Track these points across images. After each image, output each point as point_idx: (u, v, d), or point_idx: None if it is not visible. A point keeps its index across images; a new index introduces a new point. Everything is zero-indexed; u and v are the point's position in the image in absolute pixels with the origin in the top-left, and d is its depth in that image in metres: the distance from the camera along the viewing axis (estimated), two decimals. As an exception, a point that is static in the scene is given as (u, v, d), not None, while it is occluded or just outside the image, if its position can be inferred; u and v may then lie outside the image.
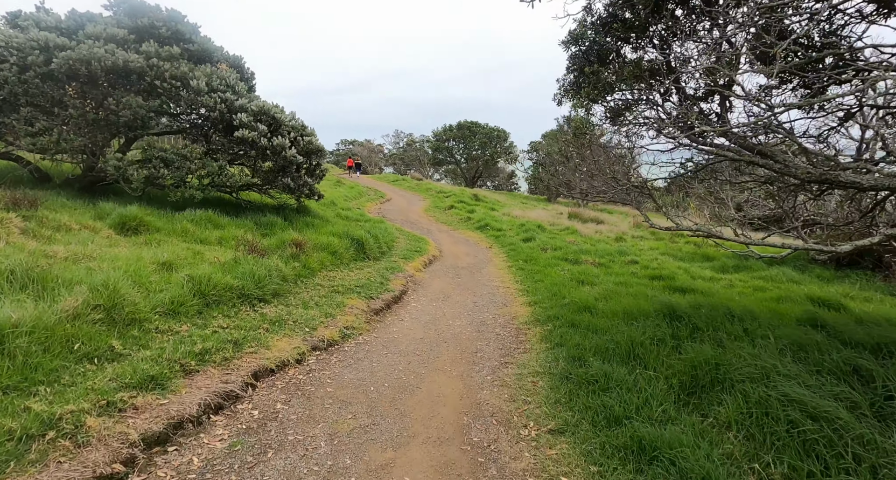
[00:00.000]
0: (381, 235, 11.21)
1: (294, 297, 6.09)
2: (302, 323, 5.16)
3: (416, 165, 48.41)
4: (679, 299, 7.20)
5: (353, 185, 24.25)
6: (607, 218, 20.87)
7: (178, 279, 5.03)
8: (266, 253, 7.01)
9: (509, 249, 13.04)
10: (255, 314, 5.15)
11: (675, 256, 12.79)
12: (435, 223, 17.73)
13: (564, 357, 4.49)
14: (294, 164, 10.05)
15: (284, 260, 7.25)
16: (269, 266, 6.12)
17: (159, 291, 4.72)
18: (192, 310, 4.64)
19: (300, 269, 7.20)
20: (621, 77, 5.16)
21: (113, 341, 3.65)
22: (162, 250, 6.13)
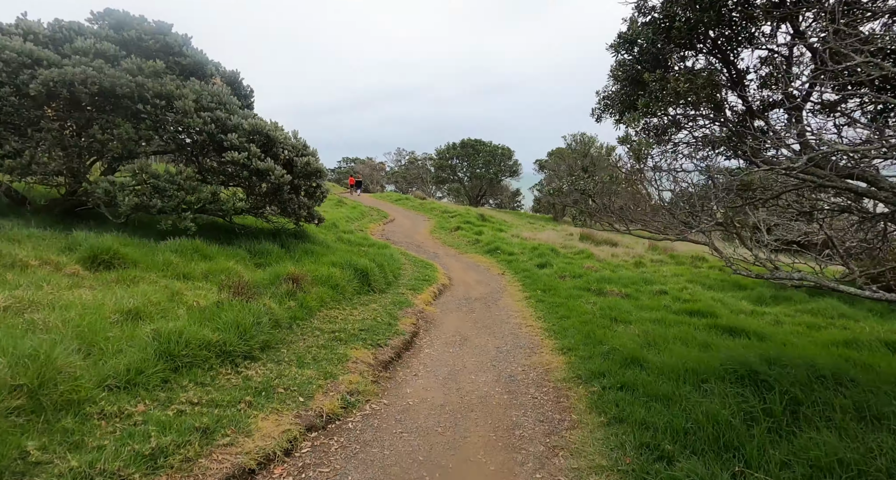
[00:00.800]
0: (386, 263, 10.21)
1: (287, 349, 5.07)
2: (295, 389, 4.14)
3: (418, 183, 47.67)
4: (733, 344, 6.19)
5: (356, 205, 23.35)
6: (620, 239, 19.89)
7: (143, 335, 4.03)
8: (256, 292, 6.00)
9: (524, 276, 12.03)
10: (237, 378, 4.12)
11: (703, 284, 11.77)
12: (441, 246, 16.75)
13: (632, 444, 3.45)
14: (287, 187, 9.10)
15: (278, 300, 6.25)
16: (258, 311, 5.11)
17: (115, 354, 3.71)
18: (154, 380, 3.62)
19: (296, 310, 6.19)
20: (692, 87, 4.25)
21: (29, 442, 2.64)
22: (132, 292, 5.14)
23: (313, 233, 12.04)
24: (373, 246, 12.99)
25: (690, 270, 13.82)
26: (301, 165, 9.52)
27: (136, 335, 4.05)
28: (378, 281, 8.95)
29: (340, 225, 15.90)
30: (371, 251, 11.69)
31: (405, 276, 10.75)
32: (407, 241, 16.91)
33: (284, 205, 9.53)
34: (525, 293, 10.49)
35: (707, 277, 12.52)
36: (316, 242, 10.78)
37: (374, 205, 25.69)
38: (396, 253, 12.58)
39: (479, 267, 13.46)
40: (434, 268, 12.25)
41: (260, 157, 8.89)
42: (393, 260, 11.19)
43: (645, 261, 14.68)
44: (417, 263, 12.65)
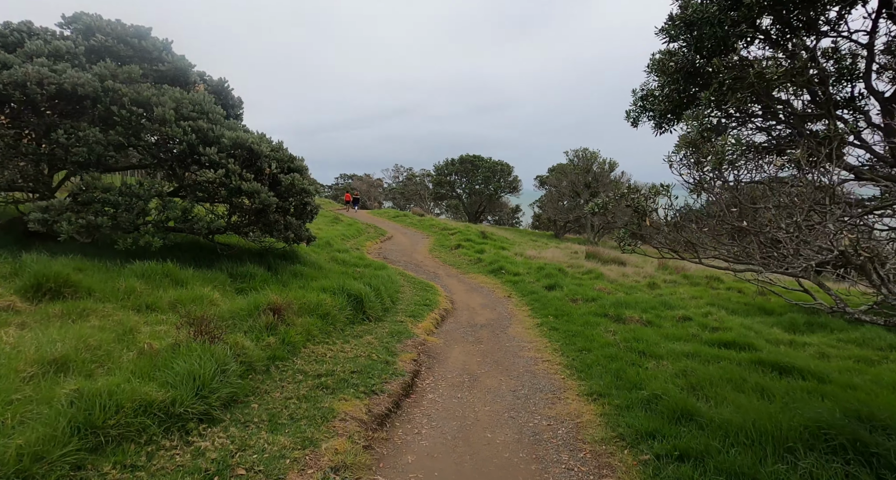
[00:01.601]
0: (383, 286, 9.22)
1: (260, 403, 4.06)
2: (261, 468, 3.12)
3: (416, 200, 46.88)
4: (793, 388, 5.22)
5: (352, 222, 22.41)
6: (627, 258, 18.95)
7: (60, 398, 3.04)
8: (228, 327, 5.01)
9: (532, 299, 11.05)
10: (185, 454, 3.11)
11: (725, 308, 10.80)
12: (442, 265, 15.78)
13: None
14: (273, 207, 8.16)
15: (255, 335, 5.25)
16: (222, 356, 4.10)
17: (13, 428, 2.72)
18: (61, 467, 2.62)
19: (276, 347, 5.19)
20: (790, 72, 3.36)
21: None
22: (69, 332, 4.14)
23: (304, 253, 11.07)
24: (369, 266, 12.01)
25: (708, 292, 12.87)
26: (286, 184, 8.58)
27: (53, 396, 3.05)
28: (374, 308, 7.95)
29: (335, 243, 14.94)
30: (367, 272, 10.70)
31: (404, 300, 9.75)
32: (405, 260, 15.93)
33: (271, 226, 8.57)
34: (535, 318, 9.50)
35: (728, 300, 11.57)
36: (307, 263, 9.80)
37: (372, 222, 24.74)
38: (394, 274, 11.60)
39: (483, 289, 12.47)
40: (435, 291, 11.26)
41: (241, 175, 7.97)
42: (391, 282, 10.20)
43: (658, 282, 13.73)
44: (417, 285, 11.66)
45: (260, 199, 7.75)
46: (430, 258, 16.97)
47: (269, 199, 7.95)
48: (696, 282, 14.44)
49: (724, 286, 14.06)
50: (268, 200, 7.95)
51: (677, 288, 13.14)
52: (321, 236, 15.56)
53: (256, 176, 8.47)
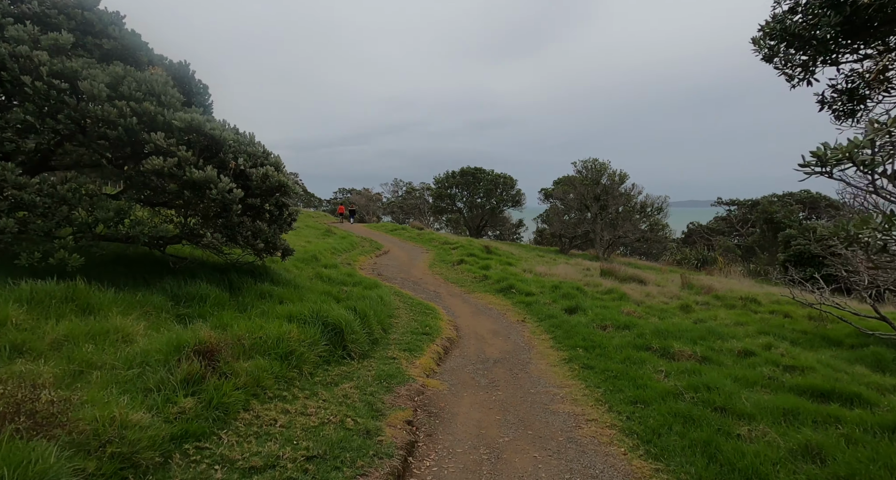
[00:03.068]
0: (373, 311, 7.35)
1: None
2: None
3: (415, 214, 45.13)
4: None
5: (346, 235, 20.57)
6: (644, 275, 17.11)
7: None
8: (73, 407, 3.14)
9: (551, 325, 9.17)
10: None
11: (782, 337, 8.94)
12: (443, 283, 13.90)
13: None
14: (237, 206, 6.32)
15: (164, 397, 3.38)
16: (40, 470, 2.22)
17: None
18: None
19: (194, 415, 3.32)
20: None
21: None
22: None
23: (280, 269, 9.22)
24: (358, 284, 10.13)
25: (749, 316, 11.01)
26: (258, 178, 6.77)
27: None
28: (359, 341, 6.06)
29: (323, 257, 13.08)
30: (355, 292, 8.84)
31: (398, 328, 7.87)
32: (402, 277, 14.06)
33: (233, 230, 6.72)
34: (560, 351, 7.62)
35: (780, 327, 9.68)
36: (281, 282, 7.93)
37: (367, 235, 22.90)
38: (388, 294, 9.72)
39: (492, 312, 10.58)
40: (436, 314, 9.38)
41: (195, 164, 6.16)
42: (382, 304, 8.33)
43: (689, 303, 11.84)
44: (415, 307, 9.78)
45: (217, 190, 5.91)
46: (430, 275, 15.10)
47: (229, 193, 6.11)
48: (732, 304, 12.57)
49: (763, 309, 12.19)
50: (228, 194, 6.10)
51: (714, 312, 11.27)
52: (309, 249, 13.73)
53: (219, 170, 6.67)
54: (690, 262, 29.01)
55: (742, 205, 33.48)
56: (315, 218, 29.50)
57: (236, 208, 6.32)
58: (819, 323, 10.30)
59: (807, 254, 21.40)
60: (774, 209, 24.64)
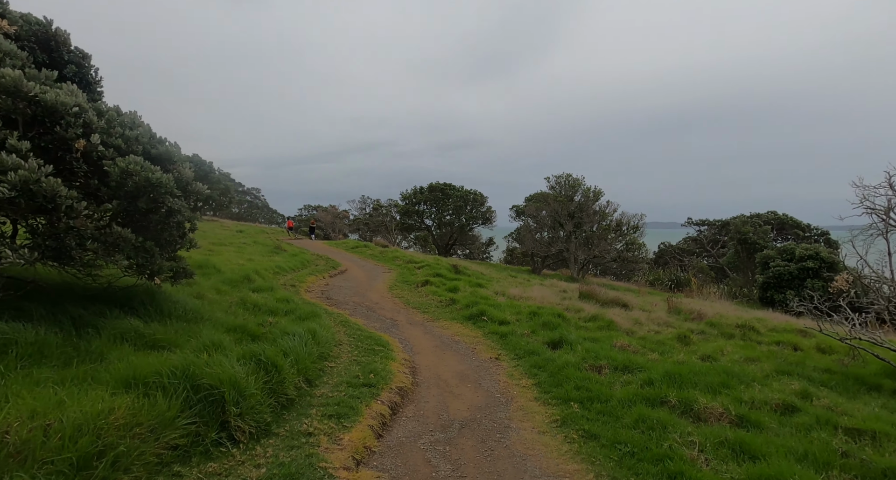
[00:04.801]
0: (297, 354, 5.26)
1: None
2: None
3: (382, 232, 42.96)
4: None
5: (298, 252, 18.26)
6: (626, 298, 15.47)
7: None
8: None
9: (533, 365, 7.26)
10: None
11: (806, 376, 7.30)
12: (403, 308, 11.83)
13: None
14: (62, 198, 4.17)
15: None
16: None
17: None
18: None
19: None
20: None
21: None
22: None
23: (187, 295, 7.02)
24: (291, 313, 7.98)
25: (755, 348, 9.41)
26: (117, 173, 4.62)
27: None
28: (254, 411, 3.93)
29: (259, 279, 10.83)
30: (282, 325, 6.70)
31: (333, 375, 5.77)
32: (356, 302, 11.92)
33: (61, 244, 4.50)
34: (548, 406, 5.68)
35: (800, 365, 8.04)
36: (168, 314, 5.71)
37: (325, 253, 20.62)
38: (327, 327, 7.60)
39: (460, 346, 8.59)
40: (388, 352, 7.31)
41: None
42: (314, 344, 6.21)
43: (686, 333, 10.14)
44: (362, 342, 7.69)
45: (18, 177, 3.75)
46: (390, 298, 13.00)
47: (42, 180, 3.94)
48: (729, 333, 10.98)
49: (764, 338, 10.64)
50: (44, 183, 3.94)
51: (715, 343, 9.61)
52: (245, 269, 11.48)
53: (57, 153, 4.52)
54: (664, 283, 27.83)
55: (712, 225, 32.83)
56: (269, 234, 26.98)
57: (66, 207, 4.16)
58: (837, 357, 8.79)
59: (786, 276, 20.41)
60: (748, 229, 23.72)
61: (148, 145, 5.39)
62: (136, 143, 5.23)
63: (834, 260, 19.94)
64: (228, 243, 17.40)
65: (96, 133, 4.73)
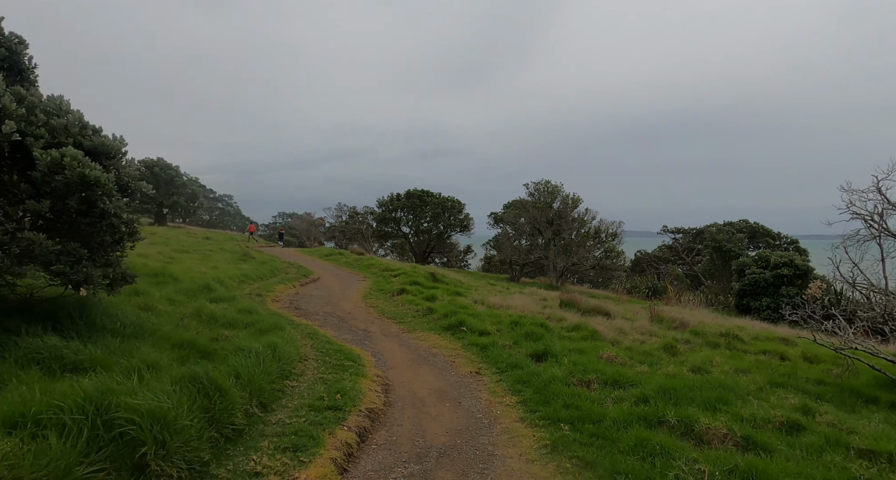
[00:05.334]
0: (251, 374, 4.57)
1: None
2: None
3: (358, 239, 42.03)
4: None
5: (268, 260, 17.35)
6: (607, 306, 15.09)
7: None
8: None
9: (516, 380, 6.68)
10: None
11: (800, 389, 6.94)
12: (378, 318, 11.14)
13: None
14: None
15: None
16: None
17: None
18: None
19: None
20: None
21: None
22: None
23: (135, 306, 6.23)
24: (252, 326, 7.23)
25: (743, 358, 9.08)
26: (45, 165, 3.90)
27: None
28: (191, 447, 3.23)
29: (221, 288, 10.00)
30: (238, 339, 5.97)
31: (294, 396, 5.08)
32: (327, 312, 11.16)
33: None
34: (536, 428, 5.11)
35: (791, 376, 7.69)
36: (105, 329, 4.94)
37: (297, 261, 19.72)
38: (292, 339, 6.89)
39: (437, 359, 7.96)
40: (359, 367, 6.64)
41: None
42: (274, 360, 5.50)
43: (672, 343, 9.73)
44: (331, 356, 6.99)
45: None
46: (363, 307, 12.29)
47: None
48: (714, 342, 10.64)
49: (749, 347, 10.34)
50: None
51: (703, 353, 9.24)
52: (206, 277, 10.62)
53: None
54: (641, 291, 27.74)
55: (687, 233, 33.08)
56: (239, 241, 25.86)
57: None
58: (825, 367, 8.51)
59: (762, 283, 20.47)
60: (723, 237, 23.83)
61: (79, 136, 4.65)
62: (63, 133, 4.50)
63: (808, 267, 20.10)
64: (193, 250, 16.40)
65: (12, 120, 3.99)
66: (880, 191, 7.59)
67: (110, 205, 4.22)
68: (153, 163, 25.92)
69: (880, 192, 7.60)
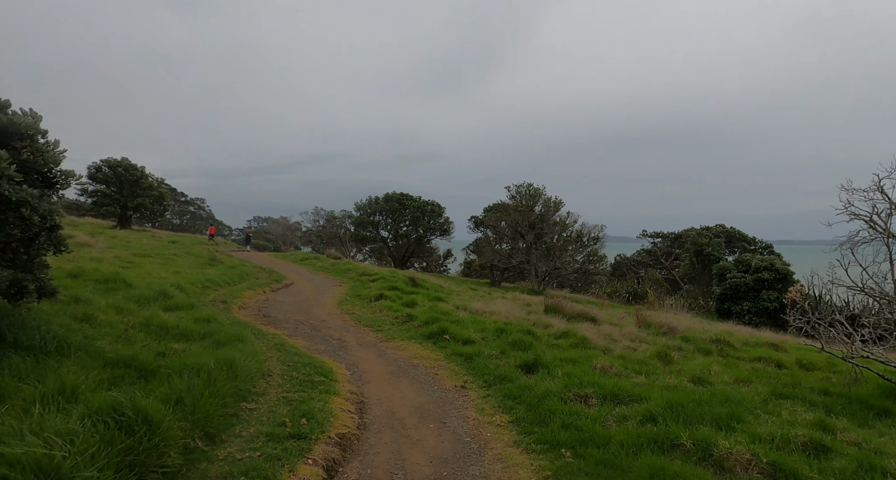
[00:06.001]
0: (197, 397, 3.79)
1: None
2: None
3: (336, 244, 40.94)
4: None
5: (237, 264, 16.33)
6: (593, 312, 14.58)
7: None
8: None
9: (506, 395, 6.02)
10: None
11: (808, 400, 6.47)
12: (353, 326, 10.34)
13: None
14: None
15: None
16: None
17: None
18: None
19: None
20: None
21: None
22: None
23: (62, 316, 5.34)
24: (209, 336, 6.38)
25: (739, 366, 8.68)
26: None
27: None
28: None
29: (180, 294, 9.05)
30: (189, 354, 5.15)
31: (251, 421, 4.30)
32: (298, 319, 10.32)
33: None
34: (533, 455, 4.45)
35: (795, 386, 7.24)
36: (19, 345, 4.08)
37: (269, 265, 18.70)
38: (254, 352, 6.08)
39: (418, 371, 7.24)
40: (330, 382, 5.87)
41: None
42: (231, 377, 4.71)
43: (666, 350, 9.21)
44: (299, 370, 6.19)
45: None
46: (339, 314, 11.47)
47: None
48: (706, 349, 10.22)
49: (742, 354, 9.97)
50: None
51: (696, 361, 8.79)
52: (164, 283, 9.66)
53: None
54: (621, 295, 27.50)
55: (666, 237, 33.13)
56: (209, 244, 24.62)
57: None
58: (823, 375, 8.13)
59: (743, 288, 20.35)
60: (704, 241, 23.75)
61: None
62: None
63: (788, 271, 20.07)
64: (155, 254, 15.28)
65: None
66: (882, 190, 7.21)
67: (13, 192, 3.39)
68: (116, 163, 24.48)
69: (882, 192, 7.22)
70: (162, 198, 25.71)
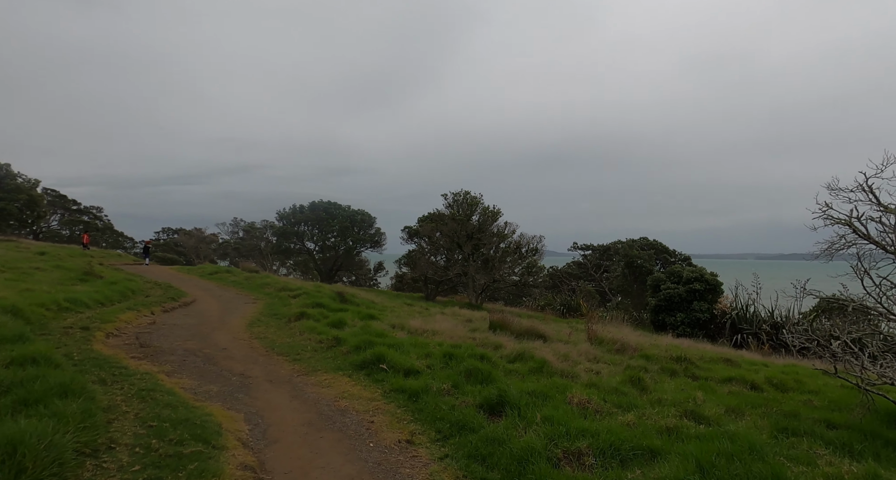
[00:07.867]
0: None
1: None
2: None
3: (256, 257, 37.29)
4: None
5: (121, 280, 13.26)
6: (541, 328, 13.31)
7: None
8: None
9: (471, 457, 4.34)
10: None
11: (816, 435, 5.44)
12: (264, 354, 8.15)
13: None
14: None
15: None
16: None
17: None
18: None
19: None
20: None
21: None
22: None
23: None
24: (8, 393, 4.09)
25: (715, 390, 7.79)
26: None
27: None
28: None
29: (15, 321, 6.45)
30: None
31: None
32: (190, 348, 7.95)
33: None
34: None
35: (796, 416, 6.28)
36: None
37: (168, 280, 15.67)
38: (88, 412, 3.89)
39: (347, 419, 5.33)
40: (213, 450, 3.85)
41: None
42: (14, 473, 2.59)
43: (634, 373, 8.01)
44: (166, 433, 4.09)
45: None
46: (247, 339, 9.18)
47: None
48: (670, 369, 9.23)
49: (712, 375, 9.04)
50: None
51: (669, 385, 7.71)
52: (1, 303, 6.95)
53: None
54: (555, 308, 26.95)
55: (596, 249, 33.37)
56: (94, 257, 20.75)
57: None
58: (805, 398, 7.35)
59: (676, 299, 20.32)
60: (636, 253, 23.74)
61: None
62: None
63: (717, 282, 20.31)
64: (9, 268, 11.96)
65: None
66: (871, 190, 6.45)
67: None
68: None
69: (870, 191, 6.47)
70: (34, 202, 21.33)
